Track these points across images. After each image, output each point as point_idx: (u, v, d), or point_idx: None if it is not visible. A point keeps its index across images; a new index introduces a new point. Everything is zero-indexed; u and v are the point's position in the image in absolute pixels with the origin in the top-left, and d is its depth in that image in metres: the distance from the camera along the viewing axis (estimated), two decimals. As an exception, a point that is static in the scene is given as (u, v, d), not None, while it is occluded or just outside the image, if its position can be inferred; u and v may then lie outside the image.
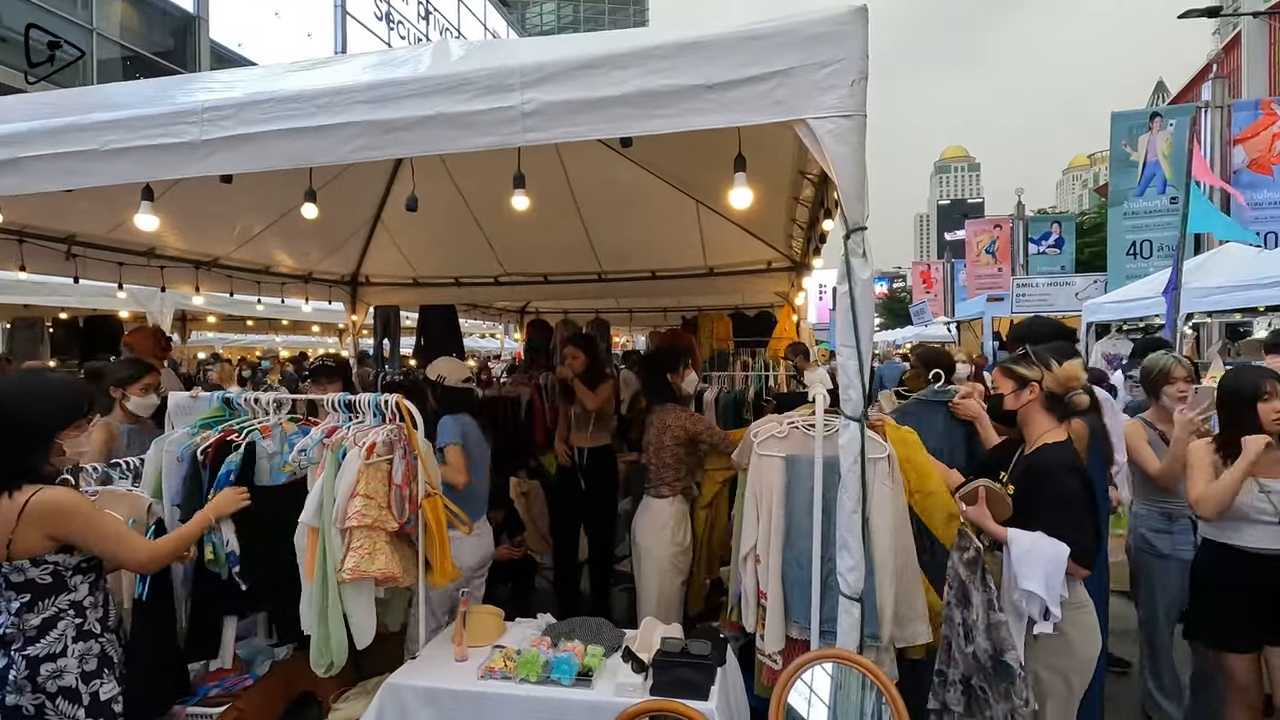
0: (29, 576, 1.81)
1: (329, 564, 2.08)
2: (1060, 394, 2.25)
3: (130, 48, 13.25)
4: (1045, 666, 2.12)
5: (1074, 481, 2.14)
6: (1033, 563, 2.03)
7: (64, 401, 1.93)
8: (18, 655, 1.79)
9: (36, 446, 1.85)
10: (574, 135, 2.13)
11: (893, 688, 1.83)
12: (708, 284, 6.46)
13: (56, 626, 1.84)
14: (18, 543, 1.76)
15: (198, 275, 5.30)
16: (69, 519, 1.82)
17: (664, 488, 3.25)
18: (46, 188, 2.45)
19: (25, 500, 1.77)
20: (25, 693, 1.78)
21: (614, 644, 2.30)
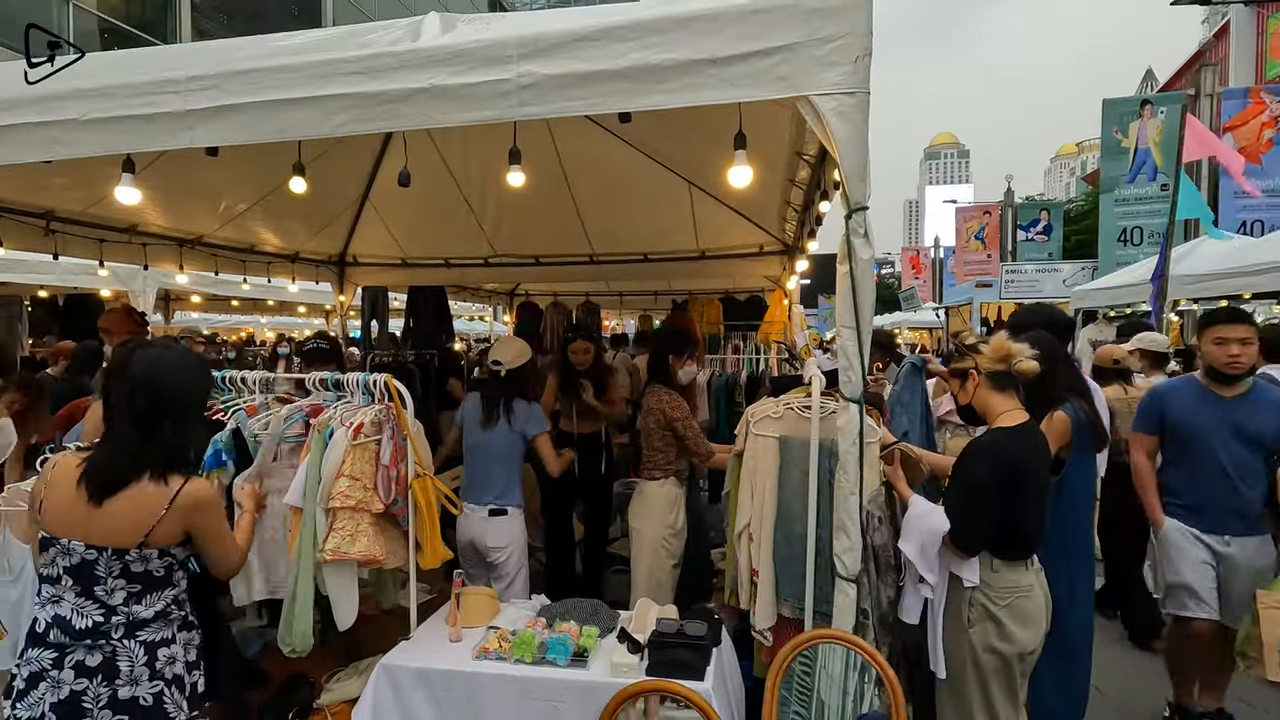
0: (149, 567, 1.71)
1: (311, 545, 2.05)
2: (1003, 369, 2.25)
3: (109, 19, 12.89)
4: (985, 649, 2.16)
5: (980, 467, 2.16)
6: (915, 529, 2.16)
7: (207, 378, 1.88)
8: (133, 642, 1.69)
9: (197, 426, 1.81)
10: (571, 110, 2.09)
11: (889, 668, 1.84)
12: (699, 267, 6.43)
13: (167, 617, 1.76)
14: (157, 530, 1.67)
15: (181, 253, 5.20)
16: (207, 511, 1.75)
17: (655, 470, 3.24)
18: (23, 158, 2.37)
19: (177, 490, 1.69)
20: (143, 682, 1.67)
21: (609, 625, 2.30)
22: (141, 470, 1.67)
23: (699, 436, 3.20)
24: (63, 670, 1.62)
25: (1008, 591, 2.17)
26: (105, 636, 1.65)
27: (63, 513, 1.66)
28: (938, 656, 2.24)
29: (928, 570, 2.16)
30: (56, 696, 1.60)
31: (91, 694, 1.61)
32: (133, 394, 1.67)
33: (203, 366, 1.88)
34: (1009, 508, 2.14)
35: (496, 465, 3.15)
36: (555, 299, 8.65)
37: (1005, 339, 2.29)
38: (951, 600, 2.22)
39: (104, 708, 1.61)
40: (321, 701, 2.32)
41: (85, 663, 1.63)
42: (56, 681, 1.61)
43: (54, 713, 1.59)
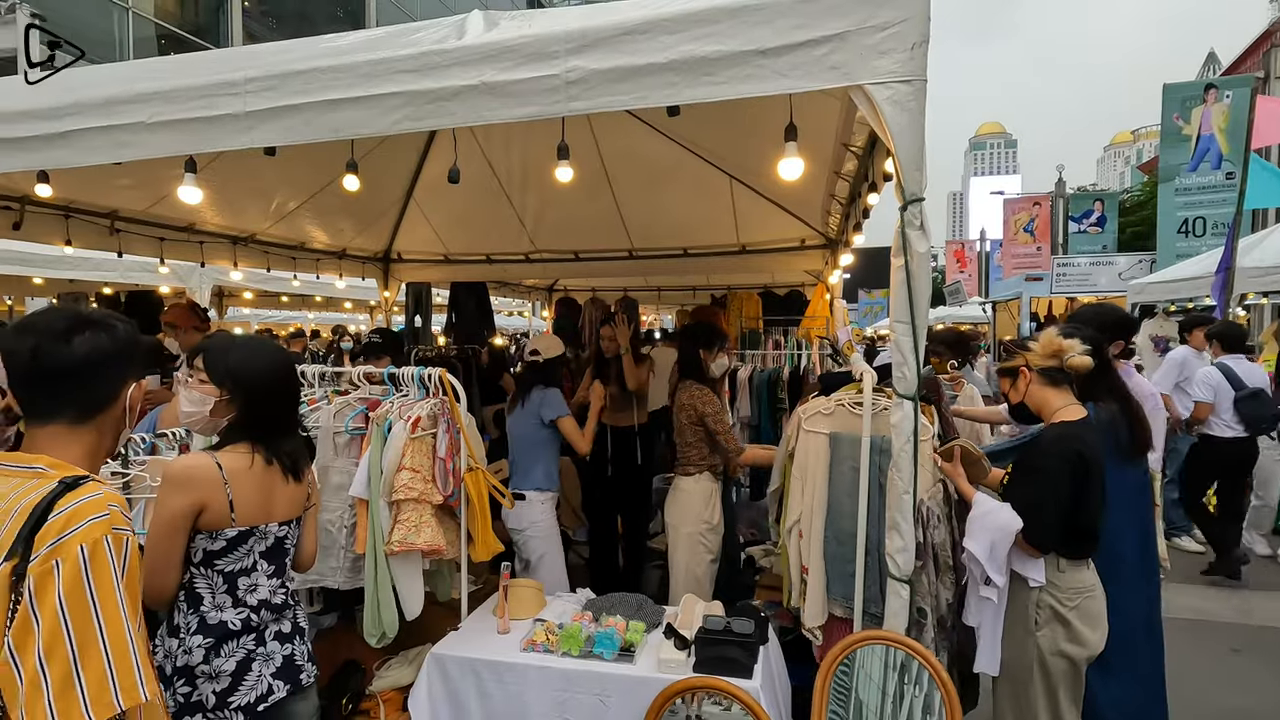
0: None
1: (378, 536, 2.09)
2: (1055, 364, 2.19)
3: (165, 25, 13.37)
4: (1053, 653, 2.10)
5: (1052, 461, 2.10)
6: (983, 527, 2.09)
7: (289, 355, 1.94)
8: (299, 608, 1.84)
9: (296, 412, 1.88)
10: (618, 104, 2.08)
11: (943, 670, 1.80)
12: (739, 262, 6.37)
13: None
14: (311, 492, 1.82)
15: (235, 251, 5.37)
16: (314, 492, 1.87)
17: (689, 465, 3.23)
18: (95, 160, 2.47)
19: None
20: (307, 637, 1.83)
21: (654, 620, 2.30)
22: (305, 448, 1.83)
23: (730, 433, 3.18)
24: (267, 645, 1.72)
25: (1076, 592, 2.10)
26: (295, 605, 1.83)
27: (257, 504, 1.70)
28: (993, 658, 2.18)
29: (997, 571, 2.08)
30: (273, 667, 1.71)
31: (298, 652, 1.77)
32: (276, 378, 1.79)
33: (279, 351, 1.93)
34: (1077, 502, 2.08)
35: (519, 449, 3.33)
36: (594, 294, 8.68)
37: (1055, 334, 2.23)
38: (1015, 601, 2.16)
39: (308, 660, 1.78)
40: (373, 688, 2.37)
41: (282, 630, 1.76)
42: (267, 655, 1.71)
43: (278, 679, 1.70)
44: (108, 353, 1.27)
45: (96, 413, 1.27)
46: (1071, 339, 2.20)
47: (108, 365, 1.27)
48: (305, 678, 1.77)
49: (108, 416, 1.29)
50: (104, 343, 1.27)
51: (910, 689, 1.94)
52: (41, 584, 1.02)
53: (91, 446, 1.27)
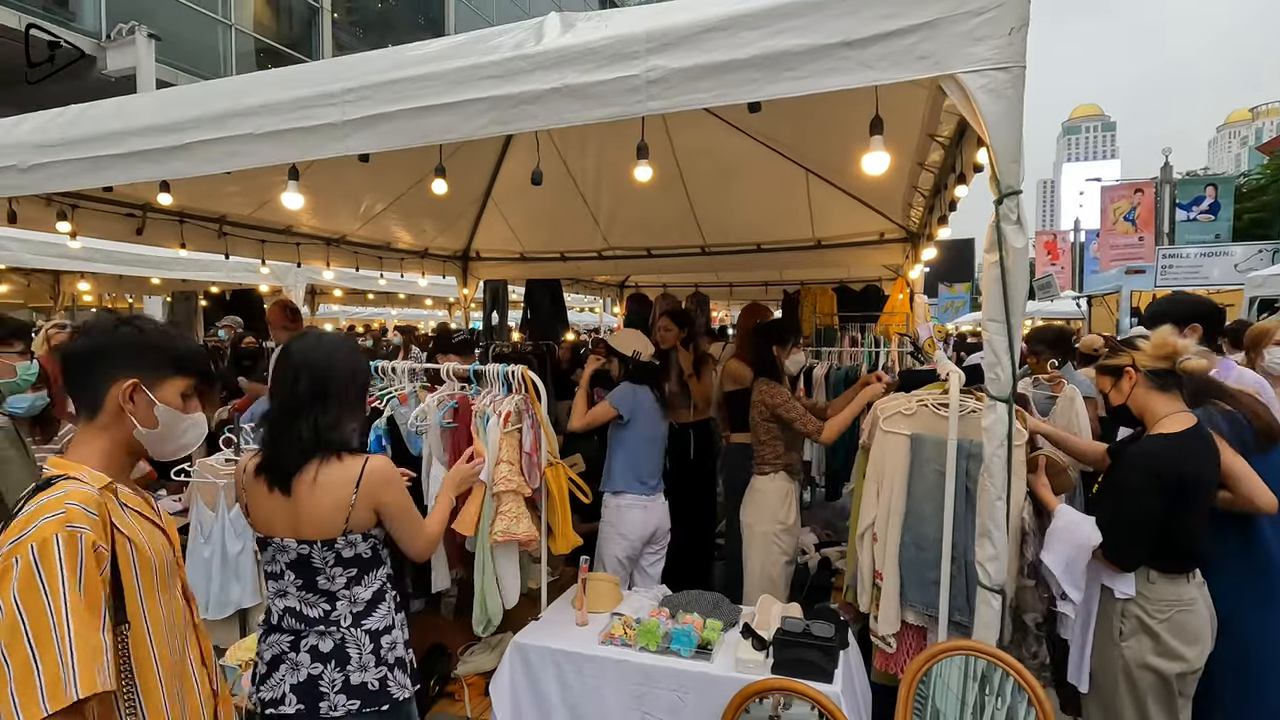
0: (358, 551, 1.72)
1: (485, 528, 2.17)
2: (1167, 367, 2.04)
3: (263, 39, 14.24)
4: (1139, 665, 1.98)
5: (1142, 478, 1.97)
6: (1061, 540, 2.01)
7: (361, 363, 1.85)
8: (360, 632, 1.72)
9: (354, 407, 1.78)
10: (698, 102, 2.07)
11: (1039, 687, 1.72)
12: (814, 257, 6.25)
13: (384, 599, 1.78)
14: (354, 517, 1.67)
15: (328, 251, 5.69)
16: (391, 487, 1.73)
17: (764, 464, 3.20)
18: (209, 170, 2.65)
19: (360, 471, 1.67)
20: (370, 668, 1.71)
21: (731, 619, 2.29)
22: (307, 454, 1.66)
23: (805, 415, 3.11)
24: (299, 653, 1.68)
25: (1167, 605, 1.98)
26: (335, 624, 1.70)
27: (267, 512, 1.70)
28: (1082, 670, 2.08)
29: (1073, 587, 2.01)
30: (295, 679, 1.67)
31: (327, 678, 1.67)
32: (296, 379, 1.69)
33: (355, 350, 1.84)
34: (1172, 523, 1.95)
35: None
36: (665, 290, 8.70)
37: (1170, 334, 2.08)
38: (1102, 611, 2.05)
39: (339, 692, 1.66)
40: (458, 671, 2.48)
41: (319, 648, 1.69)
42: (295, 664, 1.68)
43: (294, 693, 1.65)
44: (82, 354, 1.33)
45: (95, 412, 1.32)
46: (1187, 340, 2.05)
47: (87, 365, 1.32)
48: (329, 708, 1.65)
49: (105, 416, 1.32)
50: (80, 345, 1.34)
51: (991, 700, 1.87)
52: (2, 580, 1.09)
53: (103, 446, 1.32)
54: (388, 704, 1.72)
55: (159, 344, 1.37)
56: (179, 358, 1.40)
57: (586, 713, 2.15)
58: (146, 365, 1.35)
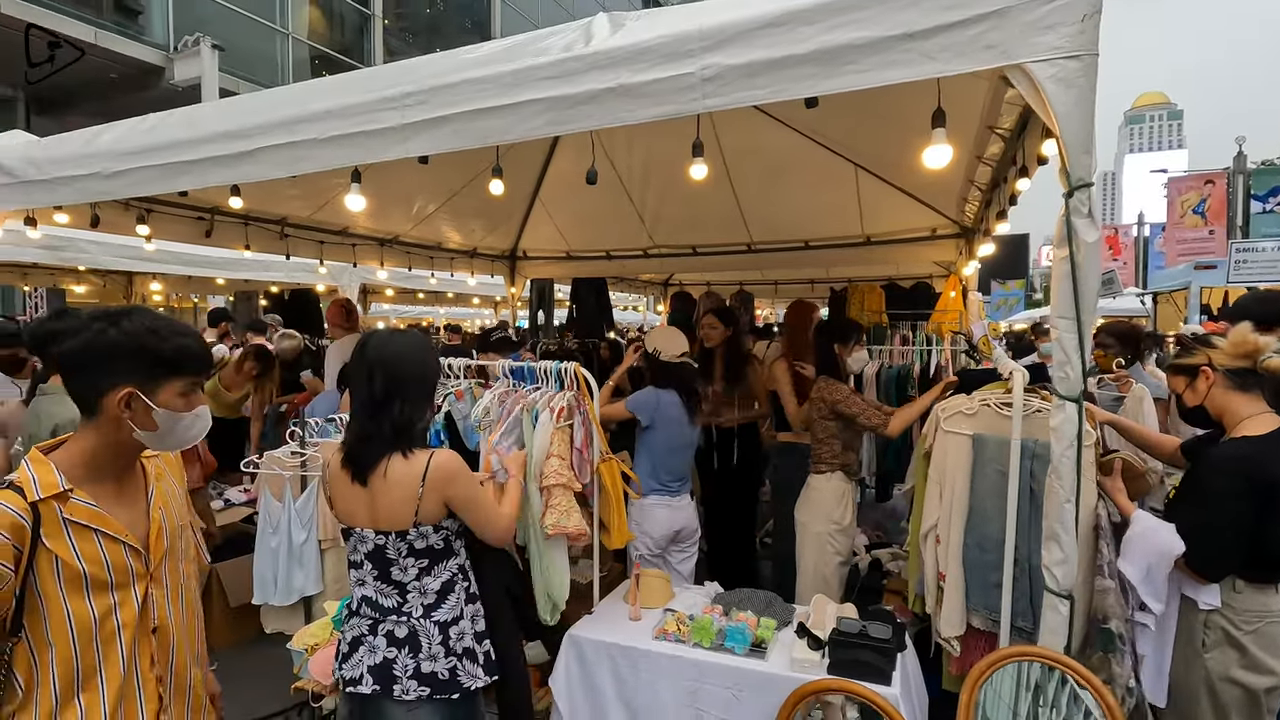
0: (429, 542, 1.78)
1: (534, 521, 2.21)
2: (1247, 365, 1.95)
3: (318, 47, 14.71)
4: (1222, 678, 1.90)
5: (1227, 483, 1.88)
6: (1139, 548, 1.94)
7: (434, 360, 1.90)
8: (429, 623, 1.79)
9: (424, 403, 1.84)
10: (754, 99, 2.07)
11: (1110, 697, 1.66)
12: (863, 254, 6.16)
13: (454, 590, 1.83)
14: (423, 510, 1.73)
15: (382, 251, 5.86)
16: (458, 480, 1.77)
17: (821, 464, 3.16)
18: (276, 174, 2.76)
19: (426, 462, 1.73)
20: (439, 658, 1.78)
21: (784, 618, 2.28)
22: (384, 449, 1.73)
23: (869, 409, 3.05)
24: (377, 637, 1.78)
25: (1255, 616, 1.90)
26: (408, 615, 1.79)
27: (348, 504, 1.78)
28: (1159, 683, 2.00)
29: (1153, 597, 1.94)
30: (373, 660, 1.77)
31: (400, 663, 1.76)
32: (370, 376, 1.76)
33: (426, 348, 1.88)
34: (1263, 530, 1.85)
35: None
36: (709, 288, 8.67)
37: (1249, 331, 1.98)
38: (1183, 620, 1.97)
39: (410, 677, 1.75)
40: (513, 663, 2.52)
41: (395, 634, 1.78)
42: (373, 647, 1.78)
43: (370, 674, 1.76)
44: (75, 356, 1.31)
45: (93, 415, 1.33)
46: (1269, 337, 1.95)
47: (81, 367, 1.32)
48: (401, 691, 1.74)
49: (102, 419, 1.32)
50: (72, 347, 1.31)
51: (1045, 712, 1.81)
52: None
53: (92, 446, 1.33)
54: (458, 693, 1.79)
55: (149, 345, 1.33)
56: (171, 359, 1.36)
57: (641, 706, 2.17)
58: (141, 371, 1.32)
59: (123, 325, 1.32)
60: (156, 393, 1.34)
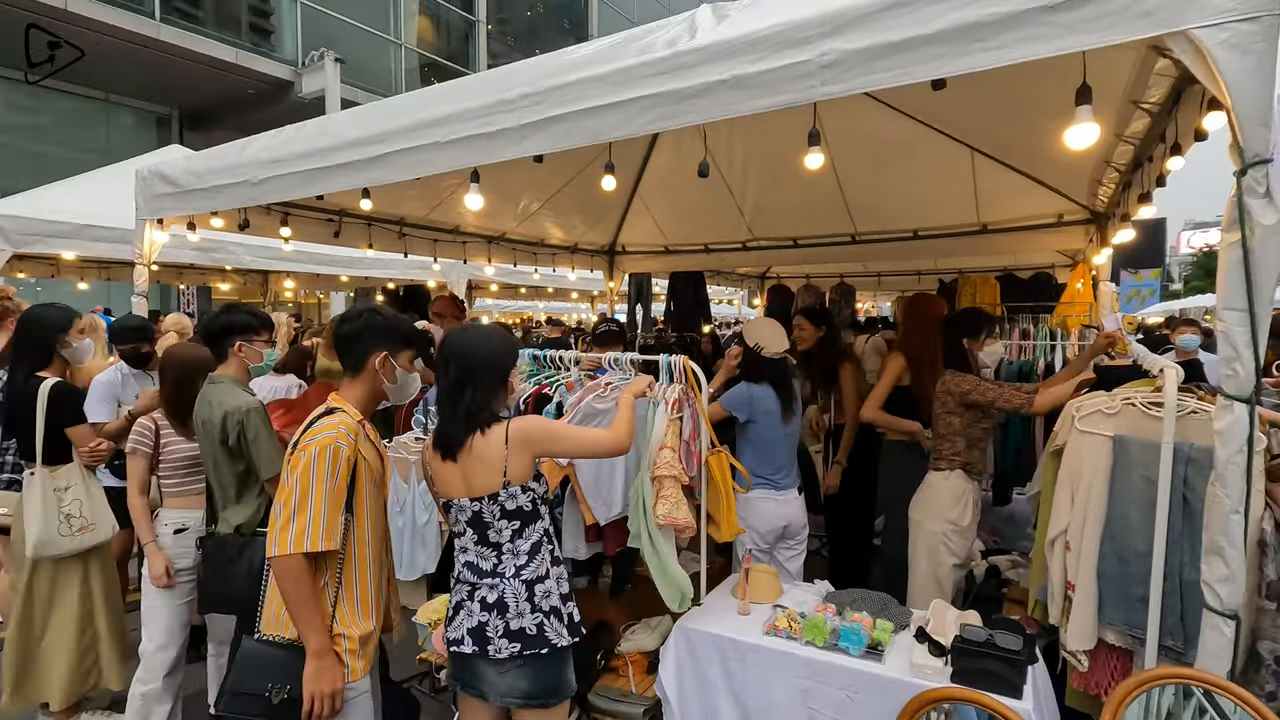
0: (519, 503, 1.93)
1: (646, 510, 2.26)
2: None
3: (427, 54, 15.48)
4: None
5: None
6: None
7: (512, 347, 2.08)
8: (518, 582, 1.92)
9: (493, 389, 1.98)
10: (876, 84, 1.99)
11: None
12: (977, 243, 5.80)
13: (540, 551, 1.96)
14: (511, 468, 1.89)
15: (489, 248, 6.11)
16: (535, 428, 1.95)
17: (941, 460, 3.02)
18: (404, 176, 2.93)
19: (506, 428, 1.91)
20: (526, 615, 1.90)
21: (901, 621, 2.20)
22: (462, 430, 1.91)
23: (1004, 391, 2.86)
24: (474, 602, 1.94)
25: None
26: (501, 576, 1.93)
27: (444, 479, 1.98)
28: None
29: None
30: (471, 624, 1.92)
31: (492, 625, 1.90)
32: (446, 367, 1.97)
33: (498, 340, 2.03)
34: None
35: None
36: (807, 281, 8.47)
37: None
38: None
39: (502, 636, 1.89)
40: (621, 648, 2.58)
41: (487, 599, 1.92)
42: (470, 611, 1.93)
43: (469, 636, 1.92)
44: (350, 334, 1.97)
45: (358, 372, 1.97)
46: None
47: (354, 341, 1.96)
48: (494, 650, 1.88)
49: (364, 374, 1.97)
50: (348, 329, 1.98)
51: None
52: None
53: (360, 394, 1.97)
54: (546, 648, 1.91)
55: (396, 326, 2.03)
56: (407, 335, 2.05)
57: (750, 700, 2.16)
58: (391, 342, 2.00)
59: (381, 313, 2.03)
60: (399, 357, 2.01)
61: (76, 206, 5.61)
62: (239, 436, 2.44)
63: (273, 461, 2.48)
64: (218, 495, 2.57)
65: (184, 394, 2.70)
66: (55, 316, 3.02)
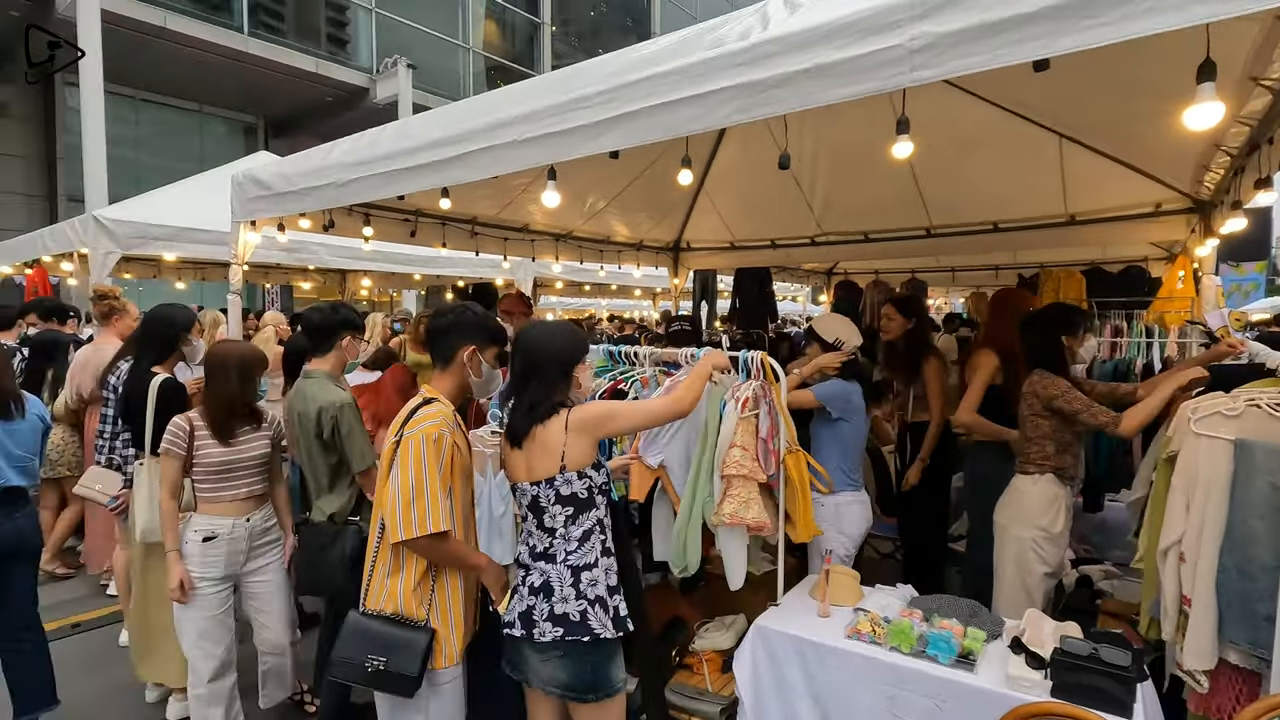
0: (574, 489, 1.96)
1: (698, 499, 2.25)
2: None
3: (493, 57, 15.82)
4: None
5: None
6: None
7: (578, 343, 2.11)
8: (564, 567, 1.95)
9: (556, 382, 2.02)
10: (971, 67, 1.90)
11: None
12: (1063, 235, 5.49)
13: (590, 539, 1.98)
14: (569, 454, 1.94)
15: (557, 246, 6.18)
16: (591, 410, 2.00)
17: (1029, 464, 2.87)
18: (481, 175, 2.99)
19: (566, 415, 1.96)
20: (570, 600, 1.93)
21: (993, 631, 2.10)
22: (526, 419, 1.98)
23: (1092, 406, 2.70)
24: (524, 586, 1.99)
25: None
26: (551, 560, 1.97)
27: (511, 464, 2.05)
28: None
29: None
30: (521, 608, 1.97)
31: (538, 609, 1.94)
32: (513, 360, 2.06)
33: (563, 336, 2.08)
34: None
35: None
36: (876, 276, 8.23)
37: None
38: None
39: (546, 619, 1.92)
40: (695, 646, 2.57)
41: (534, 583, 1.97)
42: (521, 595, 1.99)
43: (519, 619, 1.96)
44: (443, 328, 2.10)
45: (448, 365, 2.09)
46: None
47: (446, 334, 2.08)
48: (539, 634, 1.91)
49: (454, 367, 2.08)
50: (442, 323, 2.11)
51: None
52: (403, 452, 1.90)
53: (450, 386, 2.09)
54: (588, 636, 1.91)
55: (485, 324, 2.14)
56: (494, 333, 2.16)
57: (831, 705, 2.11)
58: (479, 337, 2.11)
59: (471, 309, 2.14)
60: (485, 353, 2.12)
61: (175, 210, 6.00)
62: (333, 430, 2.55)
63: (364, 455, 2.58)
64: (310, 484, 2.68)
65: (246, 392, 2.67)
66: (182, 316, 3.24)
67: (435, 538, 1.89)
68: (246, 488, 2.69)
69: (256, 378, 2.77)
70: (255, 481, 2.72)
